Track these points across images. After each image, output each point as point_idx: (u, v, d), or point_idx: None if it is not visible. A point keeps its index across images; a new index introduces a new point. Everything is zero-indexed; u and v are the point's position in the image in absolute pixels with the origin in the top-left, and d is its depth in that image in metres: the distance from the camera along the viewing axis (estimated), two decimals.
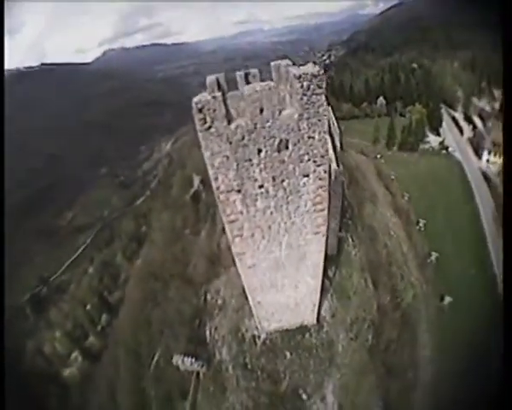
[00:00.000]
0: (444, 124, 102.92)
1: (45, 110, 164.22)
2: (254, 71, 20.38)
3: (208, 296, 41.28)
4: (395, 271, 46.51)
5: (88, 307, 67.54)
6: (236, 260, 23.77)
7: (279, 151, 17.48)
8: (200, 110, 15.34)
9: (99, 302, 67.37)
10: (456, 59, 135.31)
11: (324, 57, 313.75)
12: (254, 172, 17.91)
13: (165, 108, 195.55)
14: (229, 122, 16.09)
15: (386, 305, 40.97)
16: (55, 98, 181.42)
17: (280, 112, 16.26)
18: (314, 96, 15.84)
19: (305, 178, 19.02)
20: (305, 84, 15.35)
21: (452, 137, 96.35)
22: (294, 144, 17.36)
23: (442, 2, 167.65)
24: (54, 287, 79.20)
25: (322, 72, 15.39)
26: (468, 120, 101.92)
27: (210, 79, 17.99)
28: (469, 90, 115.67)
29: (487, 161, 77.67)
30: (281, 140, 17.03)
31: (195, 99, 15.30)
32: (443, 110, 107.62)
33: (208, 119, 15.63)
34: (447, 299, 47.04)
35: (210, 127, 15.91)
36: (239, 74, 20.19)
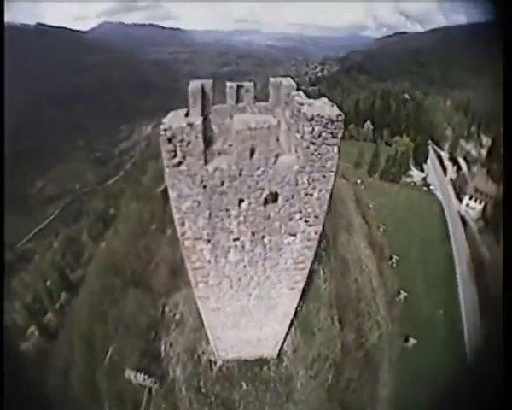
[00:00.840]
0: (429, 161, 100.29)
1: (33, 72, 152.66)
2: (249, 85, 16.14)
3: (166, 309, 36.87)
4: (363, 308, 43.31)
5: (48, 282, 63.17)
6: (198, 301, 19.42)
7: (265, 205, 12.96)
8: (169, 140, 10.67)
9: (59, 279, 63.43)
10: (450, 98, 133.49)
11: (317, 70, 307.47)
12: (230, 223, 13.30)
13: (152, 91, 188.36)
14: (207, 162, 11.50)
15: (350, 344, 37.72)
16: (44, 61, 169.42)
17: (276, 159, 11.75)
18: (324, 147, 11.37)
19: (291, 237, 14.55)
20: (316, 129, 10.89)
21: (435, 175, 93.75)
22: (286, 200, 12.83)
23: (445, 41, 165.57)
24: (19, 254, 74.21)
25: (342, 117, 10.87)
26: (453, 160, 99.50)
27: (194, 84, 13.56)
28: (459, 131, 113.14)
29: (467, 205, 75.27)
30: (270, 193, 12.55)
31: (165, 124, 10.59)
32: (430, 147, 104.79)
33: (179, 153, 10.95)
34: (412, 341, 44.85)
35: (180, 163, 11.23)
36: (230, 85, 15.79)
